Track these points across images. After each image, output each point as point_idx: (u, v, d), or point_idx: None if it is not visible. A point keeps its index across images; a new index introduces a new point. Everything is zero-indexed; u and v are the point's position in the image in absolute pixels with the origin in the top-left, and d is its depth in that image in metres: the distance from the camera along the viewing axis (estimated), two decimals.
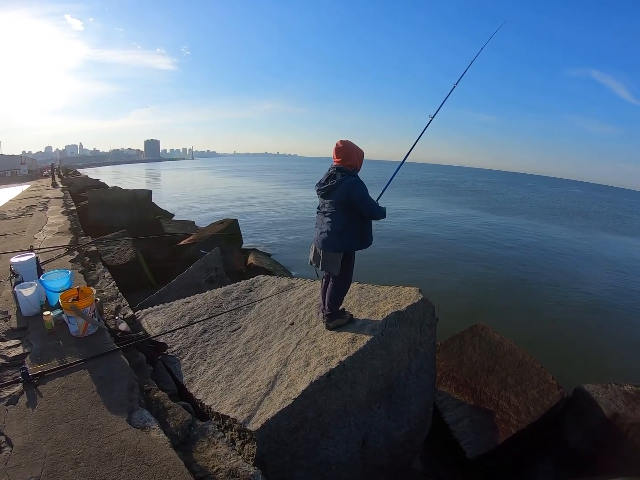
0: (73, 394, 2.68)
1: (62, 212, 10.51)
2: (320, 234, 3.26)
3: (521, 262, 15.59)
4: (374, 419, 3.23)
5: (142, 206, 13.12)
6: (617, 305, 11.66)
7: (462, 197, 46.48)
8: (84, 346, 3.28)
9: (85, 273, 5.44)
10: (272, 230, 18.68)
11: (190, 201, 29.43)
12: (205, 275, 6.54)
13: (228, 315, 4.39)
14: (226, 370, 3.39)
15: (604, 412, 4.19)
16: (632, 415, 4.13)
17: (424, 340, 3.63)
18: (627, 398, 4.39)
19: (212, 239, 10.23)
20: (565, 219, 33.24)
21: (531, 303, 10.99)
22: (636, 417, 4.11)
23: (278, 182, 55.90)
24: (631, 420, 4.07)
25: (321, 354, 3.13)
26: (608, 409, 4.20)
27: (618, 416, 4.12)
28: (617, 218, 41.38)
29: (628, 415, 4.13)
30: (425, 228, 21.55)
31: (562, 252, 18.63)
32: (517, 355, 5.03)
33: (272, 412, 2.61)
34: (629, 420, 4.07)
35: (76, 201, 14.29)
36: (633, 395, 4.44)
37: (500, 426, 4.30)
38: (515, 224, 26.82)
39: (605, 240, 24.38)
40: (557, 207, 45.13)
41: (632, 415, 4.14)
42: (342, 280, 3.40)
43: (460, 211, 31.02)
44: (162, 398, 2.85)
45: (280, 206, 27.99)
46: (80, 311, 3.34)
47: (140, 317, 4.49)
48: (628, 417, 4.10)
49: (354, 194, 3.09)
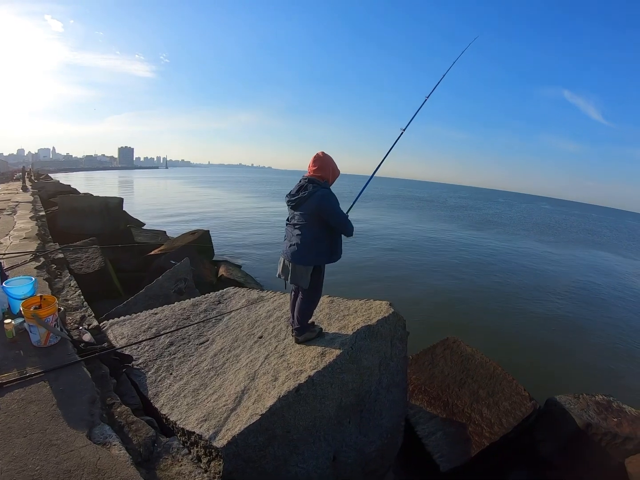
0: (32, 406, 2.56)
1: (30, 217, 10.22)
2: (289, 247, 3.21)
3: (492, 276, 15.88)
4: (345, 434, 3.18)
5: (113, 214, 12.85)
6: (586, 317, 12.04)
7: (436, 212, 47.31)
8: (45, 357, 3.15)
9: (50, 281, 5.27)
10: (245, 242, 18.57)
11: (162, 210, 28.96)
12: (174, 286, 6.40)
13: (196, 328, 4.29)
14: (193, 384, 3.29)
15: (577, 422, 4.27)
16: (605, 425, 4.21)
17: (394, 354, 3.61)
18: (599, 408, 4.49)
19: (183, 250, 10.04)
20: (537, 233, 34.24)
21: (502, 316, 11.18)
22: (608, 426, 4.19)
23: (252, 193, 55.73)
24: (604, 429, 4.16)
25: (290, 369, 3.07)
26: (580, 419, 4.27)
27: (590, 426, 4.20)
28: (589, 232, 42.81)
29: (600, 424, 4.22)
30: (396, 242, 21.78)
31: (533, 265, 19.12)
32: (489, 367, 5.07)
33: (238, 428, 2.53)
34: (602, 430, 4.16)
35: (46, 206, 13.96)
36: (605, 405, 4.54)
37: (473, 439, 4.31)
38: (487, 238, 27.41)
39: (576, 254, 25.17)
40: (530, 222, 46.47)
41: (605, 424, 4.22)
42: (311, 293, 3.34)
43: (434, 226, 31.56)
44: (125, 413, 2.74)
45: (253, 218, 27.90)
46: (42, 320, 3.21)
47: (106, 328, 4.35)
48: (600, 427, 4.19)
49: (324, 206, 3.05)
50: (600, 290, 15.56)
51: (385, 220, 32.25)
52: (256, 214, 30.21)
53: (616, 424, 4.27)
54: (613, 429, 4.20)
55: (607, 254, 26.85)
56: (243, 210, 32.36)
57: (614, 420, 4.32)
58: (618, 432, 4.16)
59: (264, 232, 21.48)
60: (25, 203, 13.24)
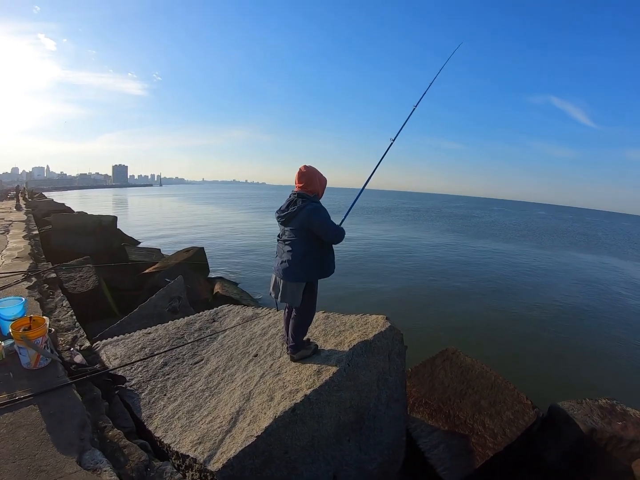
0: (21, 431, 2.49)
1: (23, 236, 10.15)
2: (280, 264, 3.17)
3: (488, 284, 15.81)
4: (344, 452, 3.10)
5: (107, 232, 12.74)
6: (584, 321, 11.97)
7: (431, 222, 47.33)
8: (35, 379, 3.08)
9: (42, 301, 5.19)
10: (240, 259, 18.37)
11: (156, 228, 28.74)
12: (167, 304, 6.32)
13: (190, 347, 4.21)
14: (187, 405, 3.22)
15: (581, 428, 4.18)
16: (609, 429, 4.13)
17: (393, 369, 3.55)
18: (602, 412, 4.41)
19: (178, 268, 9.94)
20: (533, 240, 34.34)
21: (500, 324, 11.10)
22: (613, 430, 4.11)
23: (246, 209, 55.61)
24: (609, 434, 4.07)
25: (285, 388, 3.01)
26: (585, 425, 4.19)
27: (595, 431, 4.12)
28: (584, 236, 43.06)
29: (605, 429, 4.13)
30: (389, 254, 21.66)
31: (529, 271, 19.12)
32: (489, 377, 5.00)
33: (234, 450, 2.46)
34: (607, 435, 4.07)
35: (40, 225, 13.87)
36: (608, 409, 4.47)
37: (476, 450, 4.22)
38: (483, 246, 27.45)
39: (574, 257, 25.27)
40: (526, 229, 46.61)
41: (609, 429, 4.14)
42: (305, 310, 3.30)
43: (428, 236, 31.58)
44: (117, 436, 2.67)
45: (248, 234, 27.71)
46: (32, 342, 3.14)
47: (99, 349, 4.27)
48: (605, 432, 4.10)
49: (314, 221, 3.02)
50: (597, 294, 15.54)
51: (380, 231, 32.23)
52: (251, 230, 30.05)
53: (621, 428, 4.19)
54: (618, 432, 4.12)
55: (605, 258, 26.91)
56: (238, 227, 32.17)
57: (618, 424, 4.24)
58: (623, 435, 4.08)
59: (260, 248, 21.28)
60: (18, 222, 13.17)
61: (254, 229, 30.92)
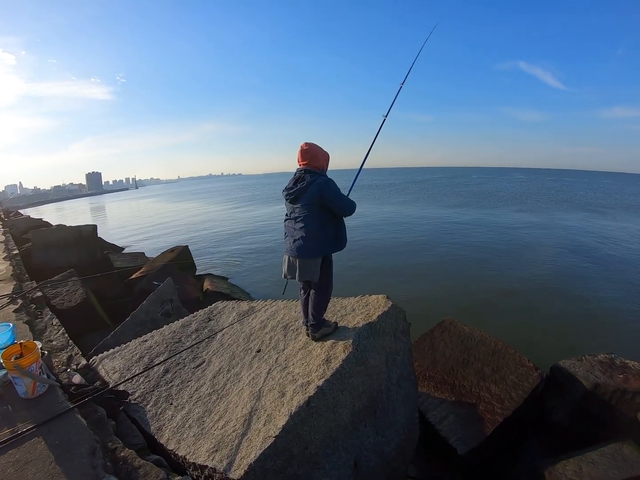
0: (29, 468, 2.38)
1: (3, 257, 9.82)
2: (293, 242, 3.11)
3: (477, 251, 15.91)
4: (362, 438, 3.06)
5: (88, 242, 12.43)
6: (575, 281, 12.07)
7: (411, 195, 47.34)
8: (35, 409, 2.96)
9: (31, 323, 5.03)
10: (224, 253, 18.12)
11: (138, 232, 28.22)
12: (160, 309, 6.19)
13: (190, 350, 4.09)
14: (196, 412, 3.12)
15: (584, 384, 4.24)
16: (612, 383, 4.20)
17: (400, 347, 3.51)
18: (603, 367, 4.47)
19: (164, 269, 9.78)
20: (515, 204, 34.67)
21: (493, 291, 11.17)
22: (616, 384, 4.18)
23: (224, 202, 55.02)
24: (612, 387, 4.14)
25: (296, 381, 2.93)
26: (588, 381, 4.25)
27: (599, 386, 4.18)
28: (565, 195, 43.57)
29: (608, 383, 4.20)
30: (372, 229, 21.66)
31: (516, 234, 19.29)
32: (490, 344, 5.02)
33: (253, 454, 2.38)
34: (610, 388, 4.14)
35: (19, 244, 13.45)
36: (608, 363, 4.53)
37: (485, 417, 4.26)
38: (467, 213, 27.62)
39: (558, 218, 25.47)
40: (506, 194, 47.08)
41: (612, 382, 4.21)
42: (324, 286, 3.27)
43: (411, 210, 31.46)
44: (130, 457, 2.57)
45: (231, 226, 27.39)
46: (26, 370, 3.02)
47: (96, 364, 4.14)
48: (608, 385, 4.17)
49: (326, 193, 3.00)
50: (585, 251, 15.73)
51: (361, 209, 32.17)
52: (233, 222, 29.70)
53: (623, 380, 4.26)
54: (621, 385, 4.18)
55: (590, 215, 27.11)
56: (219, 220, 31.79)
57: (620, 377, 4.31)
58: (626, 387, 4.14)
59: (244, 239, 21.14)
60: None
61: (236, 221, 30.63)
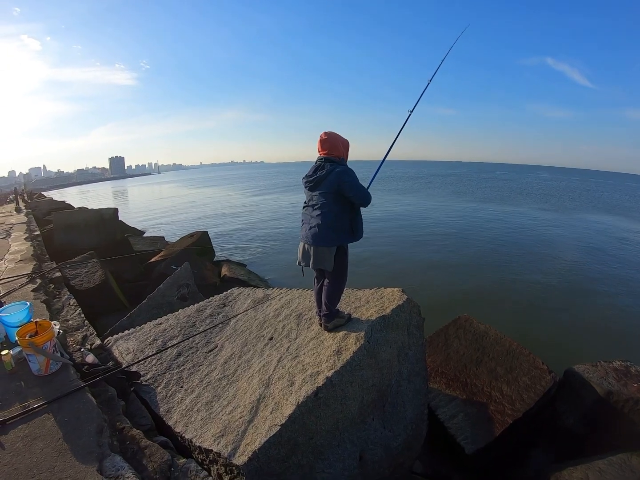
0: (38, 443, 2.42)
1: (25, 238, 10.08)
2: (309, 229, 3.12)
3: (497, 248, 15.70)
4: (369, 432, 3.04)
5: (109, 225, 12.62)
6: (595, 284, 11.79)
7: (433, 190, 46.74)
8: (47, 386, 3.02)
9: (48, 302, 5.13)
10: (244, 239, 18.24)
11: (158, 216, 28.68)
12: (176, 292, 6.24)
13: (203, 335, 4.12)
14: (205, 396, 3.13)
15: (597, 391, 4.16)
16: (625, 391, 4.10)
17: (412, 342, 3.46)
18: (617, 374, 4.37)
19: (183, 254, 9.91)
20: (539, 202, 34.05)
21: (510, 289, 11.02)
22: (630, 392, 4.08)
23: (245, 189, 55.30)
24: (625, 396, 4.04)
25: (305, 371, 2.91)
26: (601, 388, 4.16)
27: (612, 393, 4.09)
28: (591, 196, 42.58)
29: (621, 391, 4.10)
30: (392, 223, 21.40)
31: (538, 234, 18.93)
32: (504, 343, 4.95)
33: (258, 442, 2.38)
34: (623, 397, 4.04)
35: (41, 225, 13.76)
36: (623, 370, 4.43)
37: (495, 417, 4.20)
38: (490, 210, 27.21)
39: (583, 219, 24.87)
40: (531, 192, 46.17)
41: (625, 391, 4.11)
42: (338, 276, 3.25)
43: (433, 204, 31.19)
44: (137, 437, 2.59)
45: (250, 214, 27.51)
46: (40, 348, 3.07)
47: (111, 345, 4.20)
48: (622, 394, 4.07)
49: (345, 182, 2.99)
50: (608, 254, 15.34)
51: (382, 201, 31.84)
52: (253, 210, 29.85)
53: (637, 389, 4.15)
54: (635, 394, 4.08)
55: (615, 218, 26.45)
56: (239, 207, 32.02)
57: (634, 386, 4.20)
58: None
59: (262, 227, 21.22)
60: (19, 224, 13.10)
61: (255, 208, 30.78)
